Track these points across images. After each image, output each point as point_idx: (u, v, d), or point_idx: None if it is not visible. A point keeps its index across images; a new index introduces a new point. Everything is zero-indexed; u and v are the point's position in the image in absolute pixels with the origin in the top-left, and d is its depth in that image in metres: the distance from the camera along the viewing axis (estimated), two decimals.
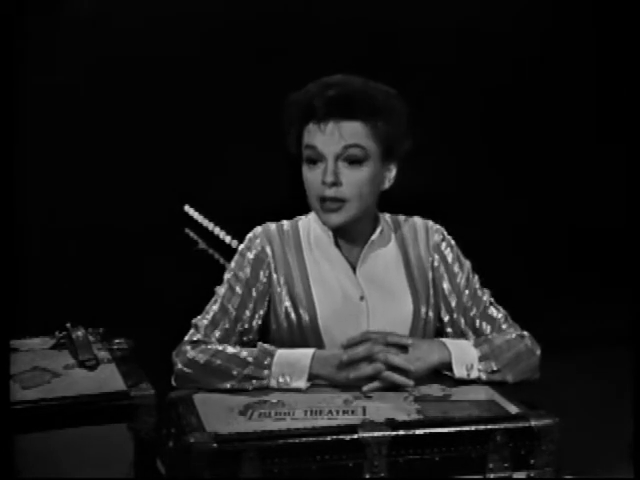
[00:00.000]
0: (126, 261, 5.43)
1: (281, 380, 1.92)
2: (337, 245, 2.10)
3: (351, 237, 2.09)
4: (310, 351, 1.95)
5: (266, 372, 1.93)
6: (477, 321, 2.08)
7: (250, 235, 2.12)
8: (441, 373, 1.96)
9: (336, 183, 1.99)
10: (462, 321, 2.09)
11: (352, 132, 1.98)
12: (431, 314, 2.10)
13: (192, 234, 6.46)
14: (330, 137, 1.98)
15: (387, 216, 2.17)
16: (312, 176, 2.02)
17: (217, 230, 6.26)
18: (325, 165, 1.99)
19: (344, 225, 2.04)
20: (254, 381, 1.93)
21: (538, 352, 2.03)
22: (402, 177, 2.09)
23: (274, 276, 2.08)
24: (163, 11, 5.78)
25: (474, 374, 1.94)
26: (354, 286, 2.08)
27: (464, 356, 1.95)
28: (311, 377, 1.93)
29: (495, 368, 1.95)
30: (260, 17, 5.81)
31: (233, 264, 2.10)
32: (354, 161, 2.00)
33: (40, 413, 1.87)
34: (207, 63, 5.89)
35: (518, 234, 5.76)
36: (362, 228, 2.09)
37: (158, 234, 5.86)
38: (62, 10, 5.63)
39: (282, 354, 1.95)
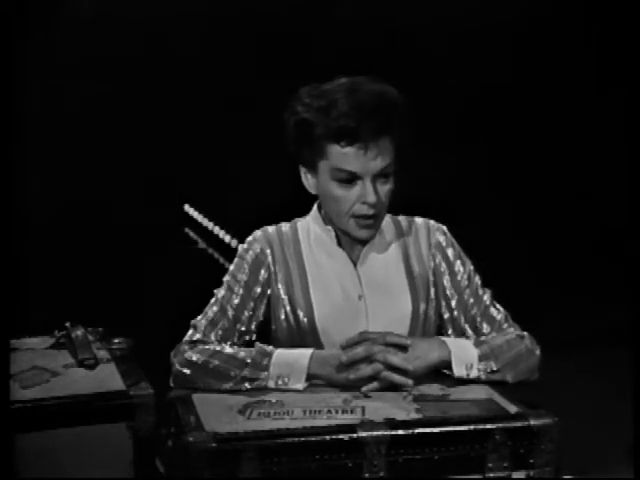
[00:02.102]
0: (126, 261, 5.42)
1: (279, 381, 1.92)
2: (340, 245, 2.10)
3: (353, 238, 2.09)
4: (308, 351, 1.95)
5: (264, 373, 1.93)
6: (477, 320, 2.08)
7: (249, 238, 2.13)
8: (441, 372, 1.95)
9: (377, 202, 1.99)
10: (462, 320, 2.09)
11: (385, 150, 1.99)
12: (431, 313, 2.10)
13: (192, 234, 6.46)
14: (366, 159, 1.97)
15: (388, 216, 2.16)
16: (346, 195, 2.01)
17: (217, 230, 6.26)
18: (362, 184, 1.99)
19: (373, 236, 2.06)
20: (252, 382, 1.93)
21: (538, 352, 2.02)
22: (403, 175, 2.09)
23: (273, 278, 2.08)
24: (163, 11, 5.77)
25: (474, 373, 1.94)
26: (353, 285, 2.08)
27: (464, 355, 1.95)
28: (309, 377, 1.93)
29: (495, 368, 1.95)
30: (261, 17, 5.80)
31: (232, 267, 2.11)
32: (386, 175, 2.01)
33: (39, 412, 1.87)
34: (208, 63, 5.89)
35: (518, 234, 5.76)
36: None
37: (158, 234, 5.85)
38: (62, 10, 5.63)
39: (280, 354, 1.95)
